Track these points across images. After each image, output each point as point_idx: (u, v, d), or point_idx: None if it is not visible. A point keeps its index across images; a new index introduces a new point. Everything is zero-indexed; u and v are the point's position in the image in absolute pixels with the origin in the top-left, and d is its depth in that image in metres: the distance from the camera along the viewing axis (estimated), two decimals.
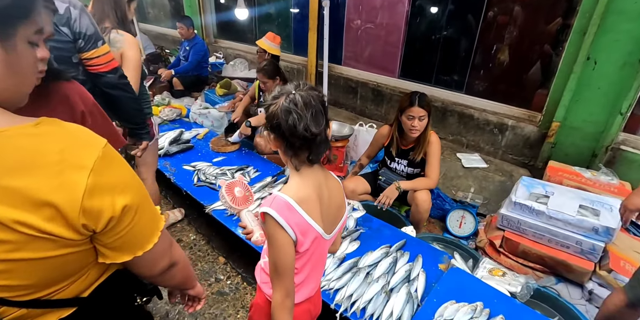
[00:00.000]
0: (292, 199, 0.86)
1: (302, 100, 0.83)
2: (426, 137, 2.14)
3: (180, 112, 3.49)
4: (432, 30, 3.44)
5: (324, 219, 0.94)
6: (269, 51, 3.44)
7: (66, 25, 1.27)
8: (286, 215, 0.85)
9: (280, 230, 0.85)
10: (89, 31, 1.32)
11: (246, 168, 2.51)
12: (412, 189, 2.14)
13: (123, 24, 1.86)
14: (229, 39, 5.90)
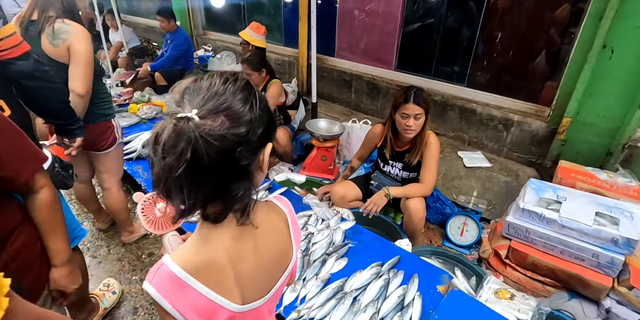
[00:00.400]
0: (183, 270, 0.57)
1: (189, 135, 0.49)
2: (423, 137, 1.90)
3: (160, 109, 3.26)
4: (431, 18, 3.17)
5: (245, 287, 0.65)
6: (252, 43, 3.19)
7: None
8: (172, 295, 0.57)
9: (167, 318, 0.58)
10: None
11: None
12: (404, 196, 1.91)
13: (71, 12, 1.62)
14: (218, 30, 5.62)
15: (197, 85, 0.57)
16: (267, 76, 2.74)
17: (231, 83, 0.57)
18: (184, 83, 0.58)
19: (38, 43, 1.57)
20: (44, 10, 1.58)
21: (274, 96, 2.66)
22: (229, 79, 0.58)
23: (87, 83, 1.62)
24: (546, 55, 2.66)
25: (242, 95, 0.57)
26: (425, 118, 1.86)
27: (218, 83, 0.56)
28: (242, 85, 0.58)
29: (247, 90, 0.58)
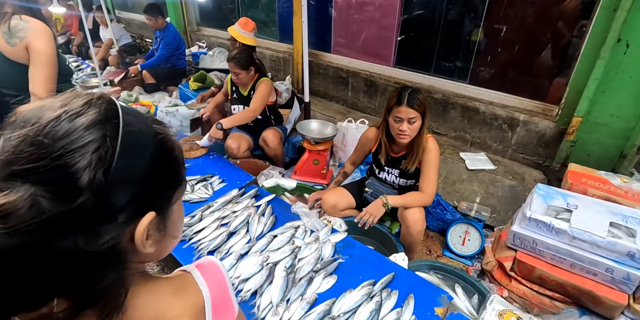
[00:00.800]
0: None
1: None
2: (421, 143, 1.73)
3: (148, 110, 3.12)
4: (432, 11, 2.99)
5: None
6: (240, 40, 3.02)
7: None
8: None
9: None
10: None
11: (210, 178, 2.14)
12: (403, 206, 1.75)
13: (29, 8, 1.47)
14: (212, 26, 5.45)
15: (20, 121, 0.37)
16: (256, 74, 2.58)
17: (77, 118, 0.37)
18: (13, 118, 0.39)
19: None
20: (0, 6, 1.44)
21: (263, 95, 2.49)
22: (78, 113, 0.38)
23: (49, 85, 1.48)
24: (554, 50, 2.49)
25: (91, 142, 0.37)
26: (422, 122, 1.70)
27: (51, 120, 0.37)
28: (100, 124, 0.38)
29: (109, 135, 0.37)
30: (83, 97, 0.40)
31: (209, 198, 1.97)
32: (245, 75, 2.48)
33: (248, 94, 2.61)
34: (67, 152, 0.35)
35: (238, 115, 2.50)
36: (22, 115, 0.38)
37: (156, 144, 0.42)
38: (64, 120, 0.37)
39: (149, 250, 0.43)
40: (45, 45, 1.44)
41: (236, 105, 2.70)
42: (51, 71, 1.47)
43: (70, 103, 0.39)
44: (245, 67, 2.45)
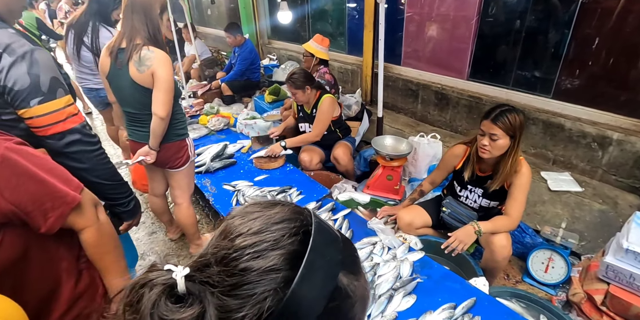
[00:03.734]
0: None
1: None
2: (508, 164, 1.68)
3: (228, 121, 3.38)
4: (512, 21, 2.87)
5: None
6: (317, 55, 3.17)
7: None
8: None
9: None
10: (18, 86, 0.97)
11: (289, 190, 2.28)
12: (492, 232, 1.70)
13: (155, 39, 1.71)
14: (282, 39, 5.73)
15: (232, 226, 0.41)
16: (317, 92, 2.69)
17: (275, 250, 0.38)
18: (232, 214, 0.44)
19: (127, 70, 1.68)
20: (131, 39, 1.68)
21: (325, 118, 2.63)
22: (277, 241, 0.39)
23: (168, 107, 1.70)
24: None
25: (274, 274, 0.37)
26: (513, 144, 1.66)
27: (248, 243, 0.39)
28: (272, 266, 0.37)
29: (273, 278, 0.37)
30: (279, 229, 0.40)
31: None
32: (302, 94, 2.62)
33: (311, 113, 2.75)
34: (236, 288, 0.37)
35: (301, 138, 2.70)
36: (231, 224, 0.42)
37: (332, 301, 0.38)
38: (249, 255, 0.38)
39: None
40: (167, 73, 1.67)
41: (303, 123, 2.87)
42: (170, 95, 1.70)
43: (265, 233, 0.40)
44: (301, 87, 2.58)
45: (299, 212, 0.44)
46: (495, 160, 1.75)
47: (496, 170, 1.75)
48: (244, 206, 0.46)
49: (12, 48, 0.96)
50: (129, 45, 1.67)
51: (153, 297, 0.37)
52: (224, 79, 4.27)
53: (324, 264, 0.39)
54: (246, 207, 0.46)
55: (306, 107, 2.76)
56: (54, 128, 1.05)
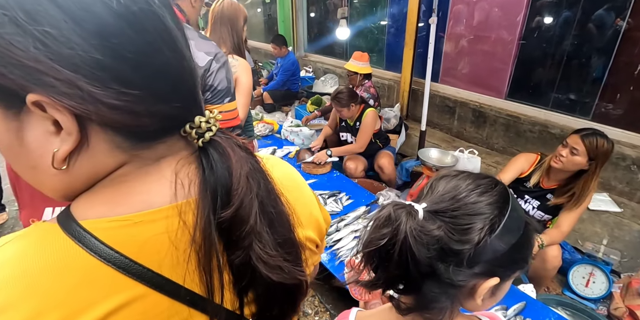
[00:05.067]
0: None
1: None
2: (581, 188, 1.74)
3: (272, 127, 3.57)
4: (555, 44, 3.00)
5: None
6: (361, 72, 3.36)
7: (200, 76, 1.22)
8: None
9: None
10: (221, 86, 1.25)
11: (338, 194, 2.42)
12: (550, 244, 1.78)
13: (239, 48, 1.90)
14: (319, 53, 5.98)
15: (446, 181, 0.58)
16: (361, 105, 2.86)
17: (484, 195, 0.55)
18: (441, 173, 0.61)
19: None
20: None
21: (368, 131, 2.80)
22: (485, 191, 0.55)
23: (246, 109, 1.87)
24: None
25: (488, 214, 0.53)
26: (592, 169, 1.71)
27: (467, 188, 0.56)
28: (497, 204, 0.54)
29: (500, 213, 0.53)
30: (489, 180, 0.58)
31: (340, 212, 2.24)
32: (347, 111, 2.79)
33: (354, 125, 2.92)
34: (473, 215, 0.53)
35: (346, 148, 2.88)
36: (446, 178, 0.60)
37: (526, 231, 0.55)
38: (475, 193, 0.55)
39: (479, 302, 0.57)
40: (248, 79, 1.85)
41: (345, 133, 3.04)
42: (249, 99, 1.88)
43: (481, 182, 0.58)
44: (346, 105, 2.76)
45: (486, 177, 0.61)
46: (565, 175, 1.80)
47: (565, 186, 1.80)
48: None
49: (218, 57, 1.23)
50: None
51: (406, 214, 0.54)
52: (266, 87, 4.50)
53: (520, 208, 0.57)
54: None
55: (350, 120, 2.93)
56: (230, 122, 1.32)
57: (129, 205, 0.38)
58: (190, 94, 0.40)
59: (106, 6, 0.32)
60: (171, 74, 0.38)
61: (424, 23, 3.69)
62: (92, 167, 0.38)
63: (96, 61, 0.32)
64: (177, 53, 0.38)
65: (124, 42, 0.33)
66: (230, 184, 0.40)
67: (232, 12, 1.87)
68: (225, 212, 0.39)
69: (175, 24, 0.38)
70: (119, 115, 0.35)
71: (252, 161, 0.43)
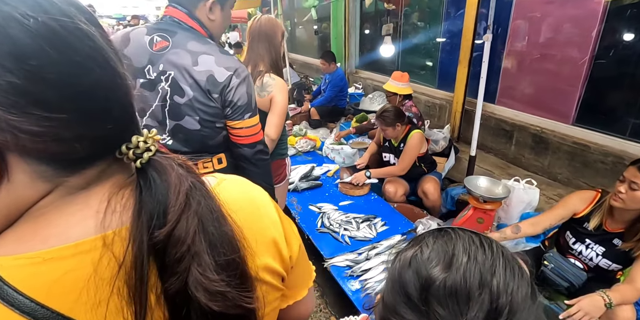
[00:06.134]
0: None
1: None
2: None
3: (314, 144, 3.54)
4: (633, 63, 2.64)
5: None
6: (400, 93, 3.23)
7: (220, 92, 1.19)
8: None
9: None
10: (241, 102, 1.21)
11: (373, 219, 2.29)
12: (621, 304, 1.47)
13: (276, 66, 1.89)
14: (370, 69, 5.92)
15: (454, 278, 0.42)
16: (407, 126, 2.71)
17: (511, 272, 0.42)
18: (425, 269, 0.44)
19: None
20: (256, 65, 1.88)
21: (412, 154, 2.64)
22: (507, 266, 0.42)
23: (279, 130, 1.84)
24: None
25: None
26: None
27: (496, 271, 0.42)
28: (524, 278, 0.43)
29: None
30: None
31: (373, 239, 2.10)
32: (392, 131, 2.65)
33: (398, 146, 2.77)
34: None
35: (386, 170, 2.73)
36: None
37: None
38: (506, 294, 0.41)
39: None
40: (284, 99, 1.83)
41: (387, 153, 2.90)
42: (283, 119, 1.85)
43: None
44: (391, 124, 2.62)
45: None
46: (632, 216, 1.54)
47: (635, 228, 1.53)
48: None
49: (238, 72, 1.18)
50: (253, 72, 1.86)
51: None
52: (313, 103, 4.51)
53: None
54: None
55: (394, 140, 2.79)
56: (251, 138, 1.28)
57: (41, 241, 0.34)
58: (125, 113, 0.38)
59: (21, 25, 0.29)
60: (102, 94, 0.35)
61: (481, 40, 3.48)
62: (11, 203, 0.34)
63: (12, 85, 0.29)
64: (107, 71, 0.35)
65: (44, 63, 0.30)
66: (167, 201, 0.37)
67: (269, 28, 1.87)
68: (160, 231, 0.36)
69: (106, 43, 0.35)
70: (42, 143, 0.31)
71: (192, 179, 0.41)
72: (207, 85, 1.16)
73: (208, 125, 1.23)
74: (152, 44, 1.16)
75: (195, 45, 1.16)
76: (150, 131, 0.40)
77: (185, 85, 1.16)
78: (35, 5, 0.31)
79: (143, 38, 1.16)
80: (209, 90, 1.16)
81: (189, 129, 1.21)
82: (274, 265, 0.49)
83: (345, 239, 2.11)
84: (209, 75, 1.15)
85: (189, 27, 1.20)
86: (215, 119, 1.23)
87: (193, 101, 1.17)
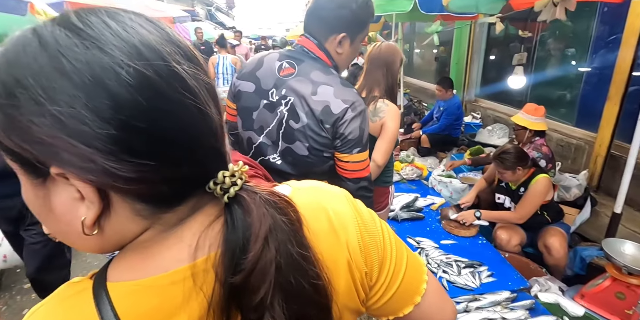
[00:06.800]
0: None
1: None
2: None
3: (421, 173, 3.41)
4: None
5: None
6: (531, 128, 2.84)
7: (332, 123, 1.18)
8: None
9: None
10: (352, 136, 1.20)
11: (478, 266, 2.06)
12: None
13: (391, 92, 1.89)
14: (492, 99, 5.49)
15: None
16: (531, 169, 2.38)
17: None
18: None
19: None
20: (371, 90, 1.90)
21: (536, 201, 2.31)
22: None
23: (387, 156, 1.81)
24: None
25: None
26: None
27: None
28: None
29: None
30: None
31: (475, 289, 1.89)
32: (511, 174, 2.36)
33: (517, 189, 2.45)
34: None
35: (501, 215, 2.47)
36: None
37: None
38: None
39: None
40: (395, 126, 1.80)
41: (501, 195, 2.60)
42: (392, 146, 1.82)
43: None
44: (511, 168, 2.32)
45: None
46: None
47: None
48: None
49: (355, 105, 1.20)
50: (367, 96, 1.88)
51: None
52: (425, 130, 4.37)
53: None
54: None
55: (512, 183, 2.50)
56: (356, 173, 1.27)
57: (146, 271, 0.39)
58: (212, 152, 0.40)
59: (117, 75, 0.32)
60: (189, 137, 0.37)
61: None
62: (119, 232, 0.39)
63: (109, 135, 0.32)
64: (195, 115, 0.37)
65: (135, 113, 0.33)
66: (247, 247, 0.37)
67: (389, 55, 1.88)
68: (235, 278, 0.36)
69: (199, 81, 0.37)
70: (135, 186, 0.35)
71: (275, 219, 0.40)
72: (321, 115, 1.19)
73: (316, 153, 1.25)
74: (280, 69, 1.25)
75: (318, 75, 1.22)
76: (237, 164, 0.41)
77: (301, 112, 1.21)
78: (132, 51, 0.33)
79: (274, 63, 1.26)
80: (322, 120, 1.19)
81: (298, 153, 1.26)
82: (352, 304, 0.48)
83: (443, 283, 1.95)
84: (324, 105, 1.18)
85: (316, 57, 1.26)
86: (324, 148, 1.25)
87: (306, 128, 1.21)
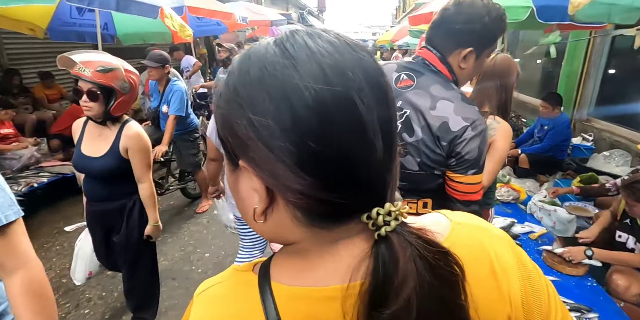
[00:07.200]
0: None
1: None
2: None
3: (518, 195, 3.14)
4: None
5: None
6: None
7: (449, 141, 1.13)
8: None
9: None
10: (469, 156, 1.13)
11: (587, 312, 1.84)
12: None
13: (504, 108, 1.77)
14: (610, 119, 4.79)
15: None
16: None
17: None
18: None
19: None
20: (480, 105, 1.72)
21: None
22: None
23: (493, 177, 1.65)
24: None
25: None
26: None
27: None
28: None
29: None
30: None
31: None
32: None
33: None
34: None
35: (622, 257, 2.16)
36: None
37: None
38: None
39: None
40: (505, 145, 1.66)
41: (624, 233, 2.26)
42: (499, 166, 1.67)
43: None
44: None
45: None
46: None
47: None
48: None
49: (476, 124, 1.14)
50: None
51: None
52: (525, 149, 4.02)
53: None
54: None
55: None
56: (468, 196, 1.20)
57: (305, 280, 0.42)
58: (370, 186, 0.40)
59: (301, 96, 0.36)
60: (350, 166, 0.38)
61: None
62: (281, 231, 0.43)
63: (284, 147, 0.37)
64: (361, 144, 0.38)
65: (306, 132, 0.36)
66: (387, 295, 0.37)
67: (504, 67, 1.76)
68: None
69: (370, 110, 0.38)
70: (292, 195, 0.39)
71: (427, 278, 0.38)
72: (439, 131, 1.14)
73: (426, 170, 1.21)
74: (397, 80, 1.23)
75: (438, 90, 1.17)
76: (395, 204, 0.40)
77: (417, 126, 1.17)
78: (320, 75, 0.36)
79: (391, 74, 1.24)
80: (439, 137, 1.14)
81: (407, 167, 1.22)
82: None
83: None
84: (443, 121, 1.13)
85: (437, 70, 1.22)
86: (436, 165, 1.19)
87: (420, 143, 1.17)
